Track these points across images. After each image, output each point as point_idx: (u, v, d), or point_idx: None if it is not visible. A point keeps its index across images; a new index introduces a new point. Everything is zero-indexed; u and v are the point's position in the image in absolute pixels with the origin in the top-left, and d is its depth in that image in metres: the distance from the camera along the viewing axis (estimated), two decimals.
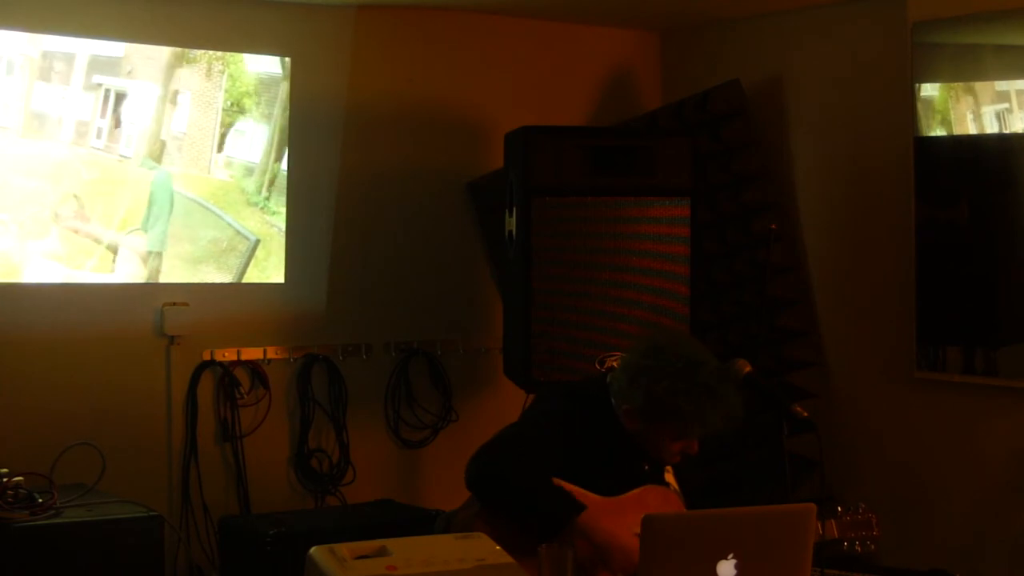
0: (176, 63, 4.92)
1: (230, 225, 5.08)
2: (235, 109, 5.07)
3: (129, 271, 4.90)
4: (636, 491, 3.23)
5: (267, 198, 5.16)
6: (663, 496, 3.26)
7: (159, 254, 4.95)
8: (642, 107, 5.95)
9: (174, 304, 5.00)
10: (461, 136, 5.64)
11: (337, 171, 5.36)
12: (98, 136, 4.79)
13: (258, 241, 5.14)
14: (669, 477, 3.36)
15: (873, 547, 3.35)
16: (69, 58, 4.70)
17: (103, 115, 4.79)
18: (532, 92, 5.72)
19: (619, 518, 3.11)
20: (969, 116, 4.82)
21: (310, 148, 5.27)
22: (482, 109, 5.64)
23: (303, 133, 5.23)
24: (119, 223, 4.85)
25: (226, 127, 5.05)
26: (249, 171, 5.11)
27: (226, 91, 5.04)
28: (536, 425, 3.27)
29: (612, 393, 3.27)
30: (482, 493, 3.15)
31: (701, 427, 3.17)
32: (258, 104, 5.12)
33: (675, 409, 3.14)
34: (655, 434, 3.21)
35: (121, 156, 4.84)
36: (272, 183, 5.16)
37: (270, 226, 5.17)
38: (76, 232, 4.77)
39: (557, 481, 3.13)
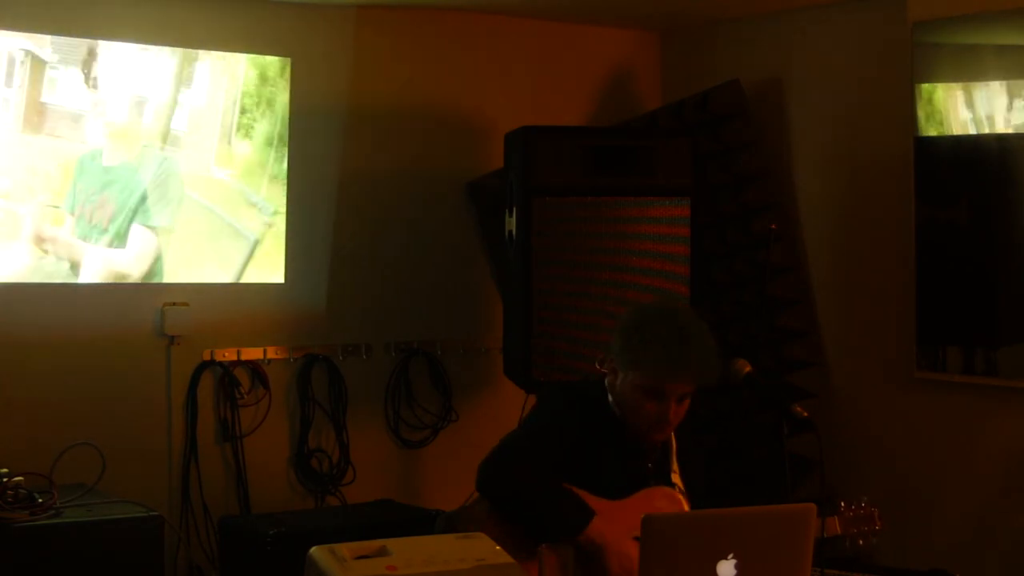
0: (178, 62, 4.92)
1: (231, 225, 5.08)
2: (236, 109, 5.07)
3: (138, 250, 4.91)
4: (641, 493, 3.22)
5: (266, 199, 5.15)
6: (668, 498, 3.25)
7: (168, 231, 4.95)
8: (642, 107, 5.96)
9: (174, 304, 5.00)
10: (461, 136, 5.64)
11: (337, 171, 5.36)
12: (96, 134, 4.79)
13: (257, 241, 5.14)
14: (676, 478, 3.35)
15: (875, 540, 3.34)
16: (68, 56, 4.70)
17: (102, 113, 4.79)
18: (532, 92, 5.72)
19: (623, 522, 3.10)
20: (969, 116, 4.82)
21: (310, 148, 5.27)
22: (482, 109, 5.64)
23: (303, 133, 5.23)
24: (120, 215, 4.86)
25: (227, 127, 5.05)
26: (249, 171, 5.11)
27: (227, 91, 5.04)
28: (540, 429, 3.26)
29: (606, 364, 3.25)
30: (494, 499, 3.16)
31: (666, 371, 3.08)
32: (259, 104, 5.12)
33: (639, 350, 3.10)
34: (631, 389, 3.15)
35: (119, 153, 4.85)
36: (271, 184, 5.15)
37: (269, 226, 5.17)
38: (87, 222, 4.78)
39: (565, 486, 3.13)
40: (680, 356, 3.08)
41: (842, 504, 3.32)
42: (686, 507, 3.29)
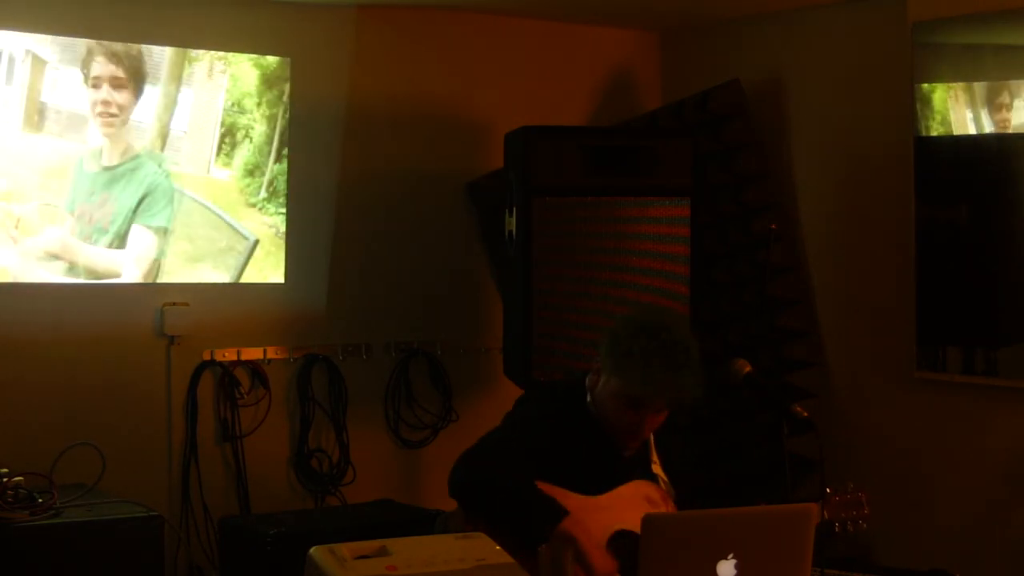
0: (178, 62, 4.92)
1: (229, 225, 5.08)
2: (236, 109, 5.07)
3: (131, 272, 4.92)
4: (621, 488, 3.21)
5: (266, 199, 5.15)
6: (649, 490, 3.24)
7: (161, 251, 4.95)
8: (642, 107, 5.96)
9: (174, 304, 5.00)
10: (461, 136, 5.64)
11: (337, 171, 5.36)
12: (96, 134, 4.79)
13: (257, 241, 5.14)
14: (657, 469, 3.34)
15: (864, 525, 3.32)
16: (69, 55, 4.70)
17: (102, 113, 4.79)
18: (532, 92, 5.72)
19: (603, 518, 3.09)
20: (969, 116, 4.82)
21: (310, 148, 5.27)
22: (482, 109, 5.64)
23: (303, 133, 5.23)
24: (114, 222, 4.86)
25: (227, 127, 5.05)
26: (249, 172, 5.11)
27: (227, 91, 5.04)
28: (515, 429, 3.24)
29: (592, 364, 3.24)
30: (464, 502, 3.13)
31: (647, 387, 3.07)
32: (259, 105, 5.12)
33: (625, 361, 3.08)
34: (610, 396, 3.14)
35: (121, 154, 4.85)
36: (271, 184, 5.16)
37: (268, 227, 5.17)
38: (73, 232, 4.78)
39: (540, 485, 3.11)
40: (664, 376, 3.06)
41: (829, 490, 3.31)
42: (668, 499, 3.28)
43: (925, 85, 4.93)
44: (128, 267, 4.89)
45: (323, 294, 5.35)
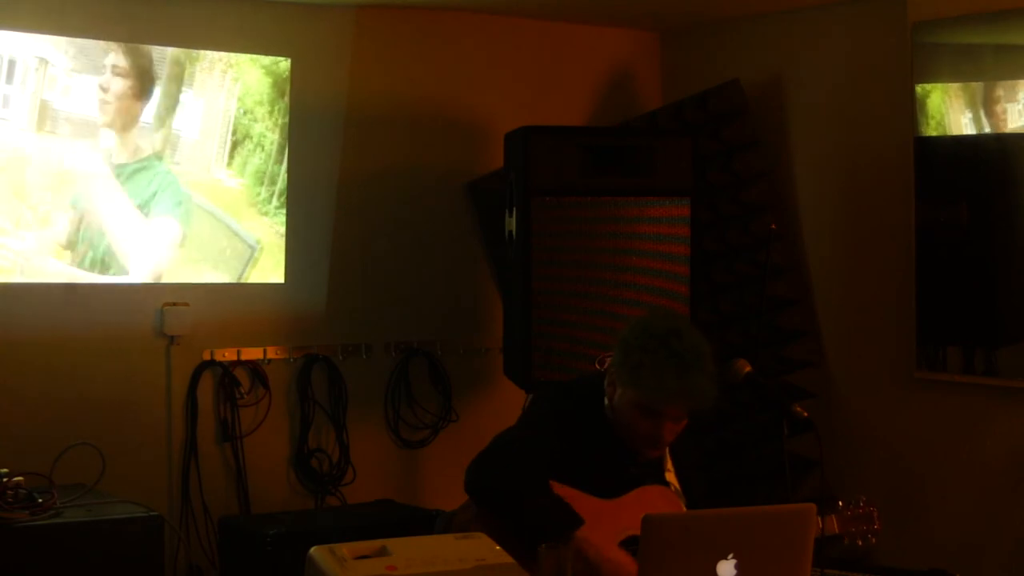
0: (185, 68, 4.91)
1: (233, 232, 5.07)
2: (246, 117, 5.05)
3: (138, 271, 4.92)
4: (635, 492, 3.21)
5: (277, 207, 5.14)
6: (662, 496, 3.24)
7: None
8: (642, 107, 5.96)
9: (174, 304, 5.00)
10: (461, 136, 5.64)
11: (337, 171, 5.36)
12: (103, 137, 4.79)
13: (259, 247, 5.12)
14: (670, 476, 3.35)
15: (874, 540, 3.34)
16: (74, 57, 4.70)
17: (105, 115, 4.79)
18: (532, 92, 5.72)
19: (615, 522, 3.09)
20: (968, 116, 4.82)
21: (310, 148, 5.27)
22: (482, 109, 5.64)
23: (303, 133, 5.23)
24: (122, 223, 4.86)
25: (236, 135, 5.04)
26: (258, 179, 5.10)
27: (238, 99, 5.03)
28: (532, 428, 3.24)
29: (606, 373, 3.24)
30: (481, 501, 3.14)
31: (663, 395, 3.06)
32: (271, 114, 5.10)
33: (641, 373, 3.06)
34: (627, 407, 3.13)
35: (130, 156, 4.85)
36: (282, 194, 5.14)
37: (278, 235, 5.15)
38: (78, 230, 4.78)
39: (554, 486, 3.11)
40: (676, 383, 3.05)
41: (840, 503, 3.32)
42: (681, 506, 3.28)
43: (925, 85, 4.93)
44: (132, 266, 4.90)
45: (323, 294, 5.35)
